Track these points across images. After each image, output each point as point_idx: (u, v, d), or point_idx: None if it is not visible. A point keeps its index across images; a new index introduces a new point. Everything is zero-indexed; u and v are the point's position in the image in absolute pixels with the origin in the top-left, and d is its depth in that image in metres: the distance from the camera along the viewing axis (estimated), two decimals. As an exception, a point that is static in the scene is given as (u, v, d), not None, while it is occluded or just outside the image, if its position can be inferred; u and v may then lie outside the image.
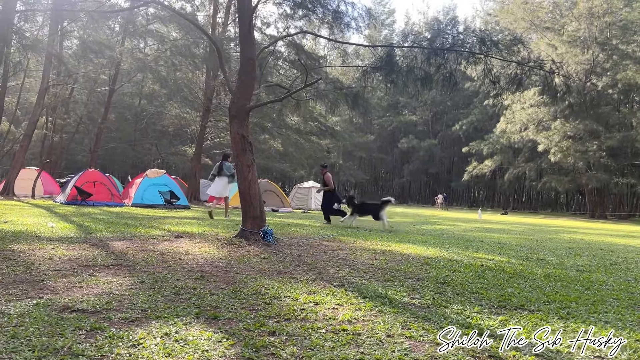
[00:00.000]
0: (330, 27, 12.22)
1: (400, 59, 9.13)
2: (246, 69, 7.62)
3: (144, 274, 4.38)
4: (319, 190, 14.02)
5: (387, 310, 3.47)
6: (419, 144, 60.43)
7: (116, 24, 26.69)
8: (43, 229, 7.56)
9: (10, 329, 2.59)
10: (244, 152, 7.39)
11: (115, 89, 29.37)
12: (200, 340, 2.62)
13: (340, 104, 11.13)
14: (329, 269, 5.17)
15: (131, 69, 27.29)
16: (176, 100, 27.95)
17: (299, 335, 2.80)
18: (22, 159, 20.03)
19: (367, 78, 9.84)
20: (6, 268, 4.28)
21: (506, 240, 10.32)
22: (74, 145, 42.71)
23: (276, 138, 27.99)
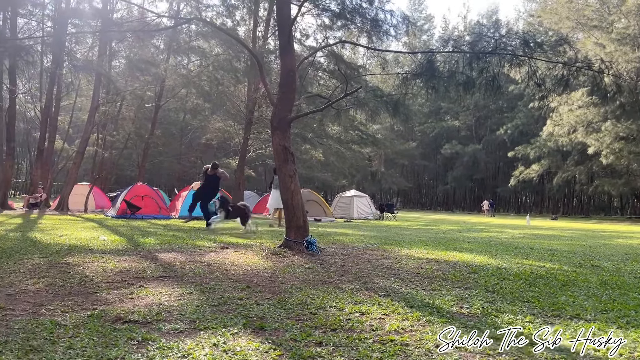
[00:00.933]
0: (369, 35, 12.18)
1: (441, 64, 9.01)
2: (287, 81, 7.69)
3: (191, 284, 4.46)
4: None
5: (435, 320, 3.40)
6: (463, 149, 59.37)
7: (161, 42, 27.55)
8: (95, 242, 7.83)
9: (67, 340, 2.68)
10: (286, 163, 7.45)
11: (160, 105, 30.29)
12: (248, 350, 2.63)
13: (380, 111, 11.06)
14: (374, 278, 5.12)
15: (175, 85, 28.08)
16: (219, 113, 28.56)
17: (346, 345, 2.78)
18: (75, 175, 20.88)
19: (407, 85, 9.76)
20: (62, 280, 4.45)
21: (557, 247, 9.95)
22: (123, 161, 44.21)
23: (317, 148, 28.12)
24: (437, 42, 51.74)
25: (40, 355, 2.43)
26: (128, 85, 28.40)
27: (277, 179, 13.29)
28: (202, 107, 33.57)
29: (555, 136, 43.12)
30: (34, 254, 6.18)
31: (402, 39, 48.26)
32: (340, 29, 16.98)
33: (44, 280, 4.42)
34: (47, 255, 6.08)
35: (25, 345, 2.55)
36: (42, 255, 6.06)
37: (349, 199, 24.23)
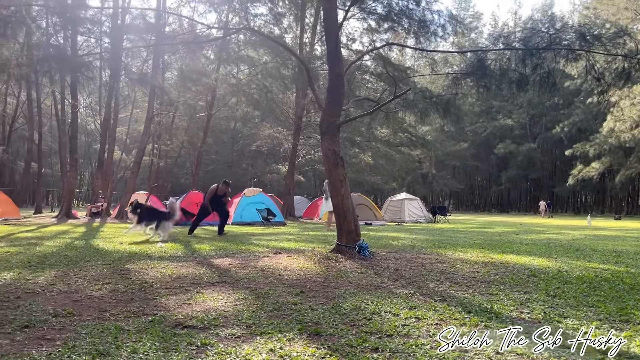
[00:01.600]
0: (416, 36, 12.04)
1: (492, 62, 8.79)
2: (335, 85, 7.71)
3: (246, 290, 4.53)
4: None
5: (494, 326, 3.31)
6: (517, 148, 57.49)
7: (211, 52, 28.30)
8: (154, 249, 8.10)
9: (131, 344, 2.78)
10: (336, 167, 7.45)
11: (212, 114, 31.05)
12: (304, 356, 2.64)
13: (430, 113, 10.89)
14: (428, 283, 5.04)
15: (226, 93, 28.73)
16: (268, 120, 28.98)
17: (402, 352, 2.74)
18: (133, 184, 21.70)
19: (457, 85, 9.58)
20: (124, 286, 4.62)
21: (622, 248, 9.46)
22: (177, 169, 45.63)
23: (366, 151, 28.01)
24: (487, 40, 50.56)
25: (106, 359, 2.53)
26: (181, 96, 29.31)
27: (326, 185, 13.67)
28: (252, 115, 34.19)
29: (616, 132, 41.08)
30: (97, 261, 6.46)
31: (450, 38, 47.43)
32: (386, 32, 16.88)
33: (108, 287, 4.61)
34: (109, 262, 6.34)
35: (92, 350, 2.67)
36: (104, 262, 6.33)
37: (400, 202, 23.98)
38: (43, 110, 32.03)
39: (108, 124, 23.86)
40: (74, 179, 21.99)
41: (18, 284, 4.68)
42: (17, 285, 4.62)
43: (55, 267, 5.82)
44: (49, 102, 34.64)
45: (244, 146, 44.26)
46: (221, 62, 27.81)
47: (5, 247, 8.04)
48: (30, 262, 6.16)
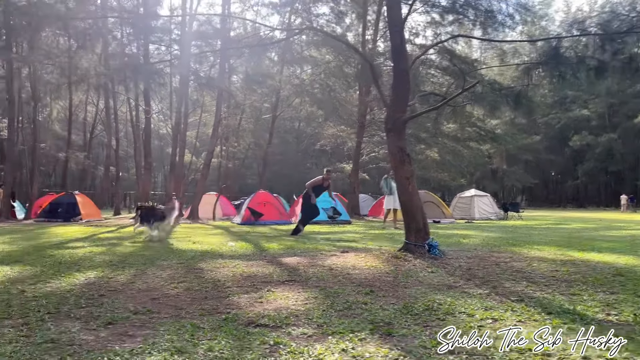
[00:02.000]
0: (483, 27, 11.66)
1: (567, 50, 8.33)
2: (400, 81, 7.58)
3: (316, 289, 4.53)
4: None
5: (578, 328, 3.11)
6: (595, 140, 54.28)
7: (274, 54, 28.73)
8: (224, 248, 8.31)
9: (206, 342, 2.84)
10: (403, 164, 7.32)
11: (277, 115, 31.58)
12: (377, 357, 2.60)
13: (500, 105, 10.50)
14: (504, 283, 4.83)
15: (289, 94, 29.12)
16: (332, 119, 29.05)
17: (480, 354, 2.63)
18: (203, 185, 22.46)
19: (528, 75, 9.17)
20: (198, 285, 4.76)
21: None
22: (245, 170, 46.79)
23: (432, 147, 27.43)
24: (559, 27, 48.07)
25: (183, 356, 2.60)
26: (247, 99, 30.00)
27: (384, 182, 13.65)
28: (316, 115, 34.45)
29: None
30: (173, 260, 6.71)
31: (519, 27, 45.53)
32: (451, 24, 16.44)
33: (183, 285, 4.77)
34: (183, 261, 6.57)
35: (171, 347, 2.75)
36: (179, 261, 6.56)
37: (469, 199, 23.28)
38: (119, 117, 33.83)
39: (179, 128, 24.80)
40: (149, 182, 23.05)
41: (101, 282, 4.94)
42: (101, 284, 4.87)
43: (134, 266, 6.10)
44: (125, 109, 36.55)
45: (308, 146, 44.71)
46: (285, 63, 28.20)
47: (89, 247, 8.54)
48: (112, 261, 6.49)
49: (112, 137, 31.06)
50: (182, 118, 24.80)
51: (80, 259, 6.81)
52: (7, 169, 20.53)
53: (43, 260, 6.62)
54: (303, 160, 48.91)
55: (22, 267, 6.01)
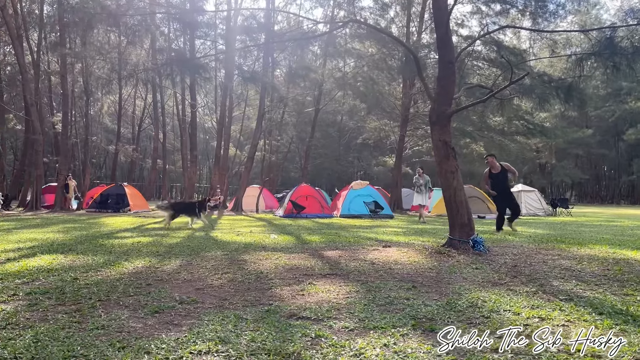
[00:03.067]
0: (533, 17, 11.32)
1: (622, 39, 7.96)
2: (446, 73, 7.43)
3: (357, 283, 4.52)
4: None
5: (631, 330, 2.98)
6: (651, 134, 51.78)
7: (317, 48, 28.75)
8: (267, 240, 8.41)
9: (249, 333, 2.88)
10: (447, 159, 7.19)
11: (319, 108, 31.60)
12: (419, 353, 2.56)
13: (550, 98, 10.16)
14: (551, 281, 4.68)
15: (332, 88, 29.08)
16: (375, 113, 28.84)
17: (526, 354, 2.55)
18: (246, 178, 22.78)
19: (581, 66, 8.82)
20: (241, 276, 4.83)
21: None
22: (287, 163, 47.14)
23: (478, 141, 26.83)
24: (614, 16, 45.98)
25: (227, 346, 2.65)
26: (290, 92, 30.16)
27: (416, 179, 13.58)
28: (358, 108, 34.24)
29: None
30: (217, 251, 6.84)
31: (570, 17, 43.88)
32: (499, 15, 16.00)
33: (226, 276, 4.85)
34: (227, 252, 6.68)
35: (215, 337, 2.80)
36: (223, 252, 6.68)
37: (516, 194, 22.63)
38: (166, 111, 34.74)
39: (223, 122, 25.24)
40: (194, 174, 23.59)
41: (148, 272, 5.09)
42: (148, 273, 5.02)
43: (179, 256, 6.26)
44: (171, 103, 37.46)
45: (351, 139, 44.57)
46: (327, 56, 28.15)
47: (137, 237, 8.82)
48: (158, 252, 6.68)
49: (159, 131, 31.93)
50: (227, 112, 25.23)
51: (129, 248, 7.04)
52: (61, 161, 21.43)
53: (94, 249, 6.88)
54: (345, 154, 48.81)
55: (75, 255, 6.26)
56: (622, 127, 56.86)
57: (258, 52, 22.75)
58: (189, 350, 2.57)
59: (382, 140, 32.47)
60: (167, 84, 27.04)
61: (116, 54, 24.90)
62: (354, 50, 25.85)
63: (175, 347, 2.63)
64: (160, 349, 2.59)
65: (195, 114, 24.12)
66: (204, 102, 44.90)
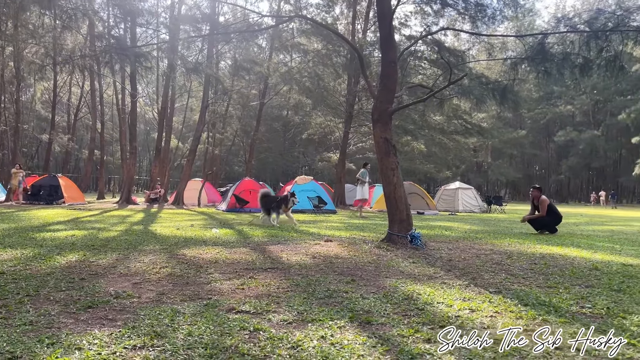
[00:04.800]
0: (472, 21, 11.70)
1: (553, 46, 8.41)
2: (388, 72, 7.60)
3: (298, 277, 4.56)
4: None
5: (552, 320, 3.18)
6: (578, 136, 55.02)
7: (263, 41, 28.55)
8: (208, 234, 8.30)
9: (186, 327, 2.86)
10: (388, 155, 7.36)
11: (264, 102, 31.42)
12: (355, 344, 2.63)
13: (486, 99, 10.58)
14: (483, 274, 4.91)
15: (278, 82, 28.97)
16: (320, 108, 29.02)
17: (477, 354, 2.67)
18: (189, 171, 22.33)
19: (515, 70, 9.24)
20: (180, 271, 4.76)
21: (695, 242, 8.89)
22: (231, 157, 46.60)
23: (419, 139, 27.57)
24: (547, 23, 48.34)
25: (163, 340, 2.61)
26: (234, 85, 29.79)
27: (360, 174, 13.91)
28: (304, 103, 34.33)
29: (689, 118, 38.58)
30: (155, 245, 6.69)
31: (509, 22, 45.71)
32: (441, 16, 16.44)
33: (164, 270, 4.76)
34: (166, 246, 6.56)
35: (151, 331, 2.76)
36: (162, 247, 6.55)
37: (454, 192, 23.50)
38: (105, 100, 33.42)
39: (165, 113, 24.61)
40: (134, 166, 22.86)
41: (82, 266, 4.92)
42: (82, 267, 4.85)
43: (116, 250, 6.08)
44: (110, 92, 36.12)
45: (296, 134, 44.63)
46: (273, 50, 28.03)
47: (71, 230, 8.48)
48: (94, 245, 6.46)
49: (96, 120, 30.71)
50: (169, 103, 24.62)
51: (62, 242, 6.76)
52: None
53: (23, 243, 6.56)
54: (290, 148, 48.84)
55: (2, 249, 5.95)
56: (553, 129, 60.02)
57: (202, 43, 22.31)
58: (123, 345, 2.52)
59: (327, 136, 32.75)
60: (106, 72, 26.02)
61: (51, 39, 23.71)
62: (300, 45, 25.88)
63: (109, 342, 2.57)
64: (93, 345, 2.52)
65: (135, 104, 23.34)
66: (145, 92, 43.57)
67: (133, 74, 21.13)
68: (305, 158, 47.74)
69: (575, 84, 47.14)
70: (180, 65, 15.94)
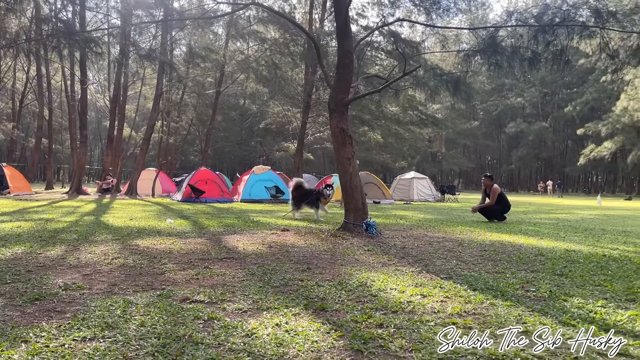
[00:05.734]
0: (427, 12, 11.90)
1: (504, 39, 8.66)
2: (344, 62, 7.64)
3: (254, 266, 4.56)
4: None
5: (499, 304, 3.31)
6: (528, 127, 57.03)
7: (219, 28, 28.07)
8: (162, 225, 8.17)
9: (139, 318, 2.82)
10: (344, 145, 7.43)
11: (221, 91, 30.95)
12: (309, 331, 2.67)
13: (440, 90, 10.81)
14: (435, 261, 5.05)
15: (234, 70, 28.57)
16: (277, 98, 28.86)
17: (407, 328, 2.75)
18: (142, 161, 21.80)
19: (468, 62, 9.47)
20: (133, 262, 4.67)
21: (632, 228, 9.42)
22: (187, 146, 45.75)
23: (375, 130, 27.87)
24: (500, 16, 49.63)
25: (115, 331, 2.57)
26: (190, 73, 29.20)
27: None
28: (261, 92, 34.02)
29: (630, 111, 40.60)
30: (107, 236, 6.53)
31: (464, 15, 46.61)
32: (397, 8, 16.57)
33: (117, 262, 4.67)
34: (118, 237, 6.41)
35: (102, 322, 2.71)
36: (114, 237, 6.40)
37: (409, 181, 23.93)
38: (53, 86, 32.10)
39: (117, 101, 23.88)
40: (84, 155, 22.12)
41: (29, 258, 4.75)
42: (28, 259, 4.69)
43: (66, 242, 5.90)
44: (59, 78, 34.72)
45: (253, 124, 44.25)
46: (230, 38, 27.61)
47: (17, 222, 8.16)
48: (42, 237, 6.24)
49: (44, 107, 29.47)
50: (121, 90, 23.89)
51: (7, 234, 6.50)
52: None
53: (-35, 235, 6.28)
54: (247, 138, 48.41)
55: (-58, 241, 5.68)
56: (504, 121, 61.87)
57: (156, 29, 21.72)
58: (72, 337, 2.46)
59: (285, 125, 32.62)
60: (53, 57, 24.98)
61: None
62: (257, 33, 25.60)
63: (57, 334, 2.51)
64: (40, 337, 2.46)
65: (85, 91, 22.51)
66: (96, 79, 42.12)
67: (83, 60, 20.39)
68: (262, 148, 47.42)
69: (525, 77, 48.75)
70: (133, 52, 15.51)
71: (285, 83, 25.43)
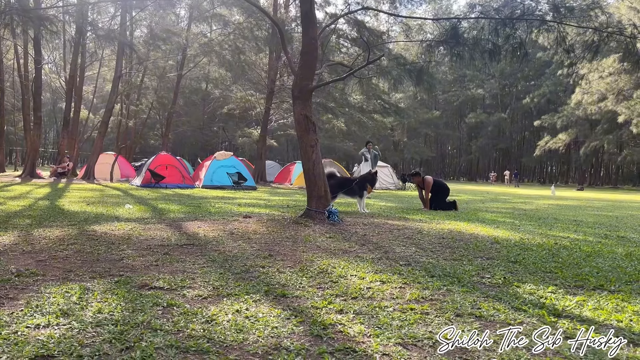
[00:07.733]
0: (392, 1, 11.96)
1: (466, 30, 8.80)
2: (308, 49, 7.60)
3: (215, 252, 4.54)
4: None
5: (455, 290, 3.41)
6: (488, 118, 58.38)
7: (181, 10, 27.42)
8: (121, 210, 8.00)
9: (96, 304, 2.77)
10: (307, 132, 7.42)
11: (182, 74, 30.32)
12: (269, 317, 2.68)
13: (403, 80, 10.92)
14: (395, 248, 5.14)
15: (197, 54, 28.03)
16: (241, 83, 28.52)
17: (366, 313, 2.81)
18: (100, 144, 21.22)
19: (431, 53, 9.58)
20: (90, 247, 4.57)
21: (582, 218, 9.81)
22: (147, 130, 44.70)
23: (339, 117, 27.95)
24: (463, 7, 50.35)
25: (70, 318, 2.52)
26: (150, 55, 28.47)
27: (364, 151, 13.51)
28: (224, 77, 33.51)
29: (584, 104, 42.09)
30: (63, 221, 6.35)
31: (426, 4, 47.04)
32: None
33: (73, 247, 4.55)
34: (75, 223, 6.24)
35: (56, 309, 2.65)
36: (70, 223, 6.23)
37: (371, 169, 24.11)
38: (5, 65, 30.73)
39: (73, 82, 23.10)
40: (38, 138, 21.36)
41: (-21, 244, 4.58)
42: (-22, 245, 4.52)
43: (18, 227, 5.71)
44: (11, 57, 33.25)
45: (216, 109, 43.58)
46: (192, 20, 27.02)
47: (-35, 206, 7.83)
48: (-8, 222, 6.02)
49: (-5, 87, 28.19)
50: (78, 71, 23.11)
51: (-45, 218, 6.24)
52: None
53: None
54: (210, 123, 47.66)
55: None
56: (465, 111, 63.08)
57: (115, 9, 21.05)
58: (26, 324, 2.40)
59: (248, 111, 32.29)
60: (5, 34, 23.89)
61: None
62: (221, 16, 25.14)
63: (10, 322, 2.44)
64: (-9, 325, 2.39)
65: (40, 70, 21.67)
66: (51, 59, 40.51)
67: (37, 39, 19.60)
68: (225, 133, 46.79)
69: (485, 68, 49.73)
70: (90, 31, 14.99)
71: (248, 68, 25.16)
